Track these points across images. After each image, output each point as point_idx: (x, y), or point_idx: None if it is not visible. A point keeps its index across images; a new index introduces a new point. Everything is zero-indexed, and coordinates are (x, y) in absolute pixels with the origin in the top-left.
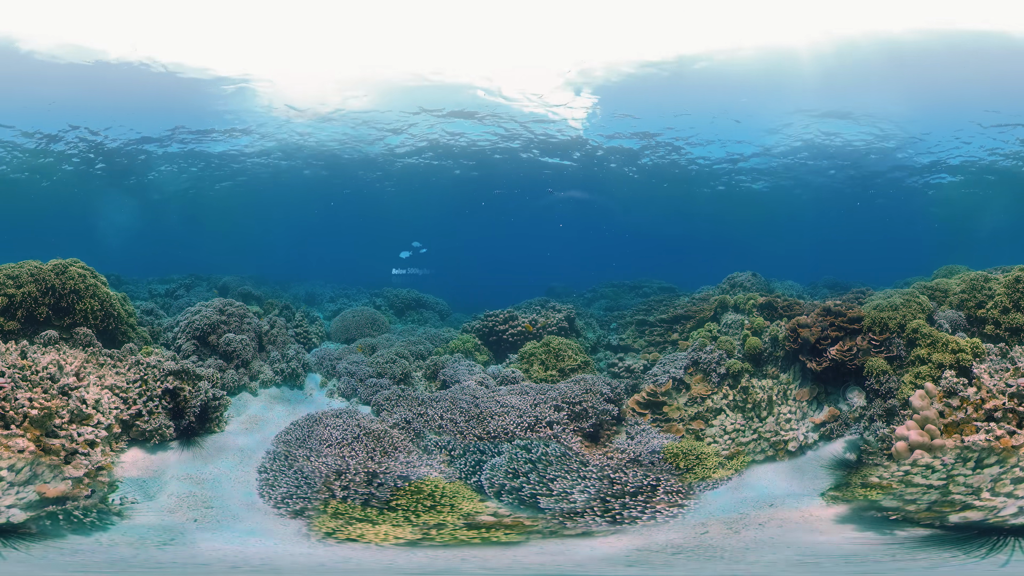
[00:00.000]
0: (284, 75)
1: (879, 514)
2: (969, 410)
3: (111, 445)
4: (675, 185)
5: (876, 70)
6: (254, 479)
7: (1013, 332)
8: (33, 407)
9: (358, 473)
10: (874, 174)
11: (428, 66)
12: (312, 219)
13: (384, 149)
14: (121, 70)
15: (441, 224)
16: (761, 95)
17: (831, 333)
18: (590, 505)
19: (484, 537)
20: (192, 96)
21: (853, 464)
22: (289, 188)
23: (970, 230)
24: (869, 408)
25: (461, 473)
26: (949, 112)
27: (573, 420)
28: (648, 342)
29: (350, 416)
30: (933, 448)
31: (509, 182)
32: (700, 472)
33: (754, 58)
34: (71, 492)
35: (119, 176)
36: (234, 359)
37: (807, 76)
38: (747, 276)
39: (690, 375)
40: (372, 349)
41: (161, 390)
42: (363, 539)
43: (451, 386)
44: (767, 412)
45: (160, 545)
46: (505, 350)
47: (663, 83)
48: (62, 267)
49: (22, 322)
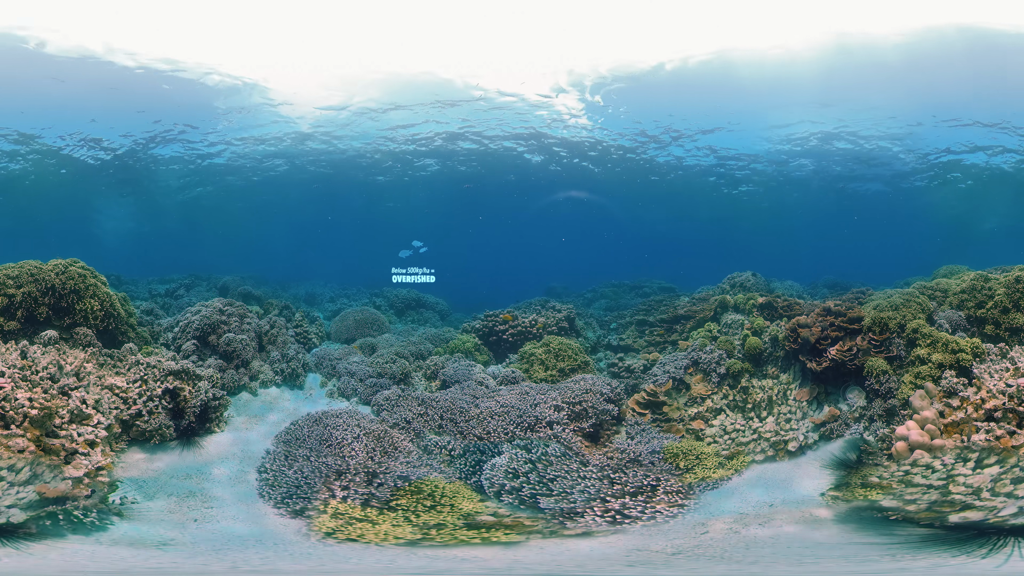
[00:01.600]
0: (284, 75)
1: (879, 514)
2: (969, 410)
3: (111, 445)
4: (675, 185)
5: (877, 70)
6: (254, 479)
7: (1013, 332)
8: (33, 407)
9: (358, 473)
10: (875, 174)
11: (428, 65)
12: (312, 219)
13: (384, 149)
14: (122, 70)
15: (440, 224)
16: (761, 95)
17: (831, 333)
18: (590, 505)
19: (484, 537)
20: (192, 96)
21: (853, 464)
22: (289, 188)
23: (970, 230)
24: (869, 408)
25: (461, 473)
26: (949, 112)
27: (573, 420)
28: (648, 342)
29: (350, 416)
30: (933, 448)
31: (509, 182)
32: (700, 472)
33: (754, 58)
34: (71, 492)
35: (119, 176)
36: (234, 359)
37: (808, 76)
38: (747, 276)
39: (690, 375)
40: (372, 349)
41: (161, 390)
42: (363, 539)
43: (451, 386)
44: (767, 412)
45: (160, 545)
46: (505, 350)
47: (663, 83)
48: (62, 267)
49: (22, 322)
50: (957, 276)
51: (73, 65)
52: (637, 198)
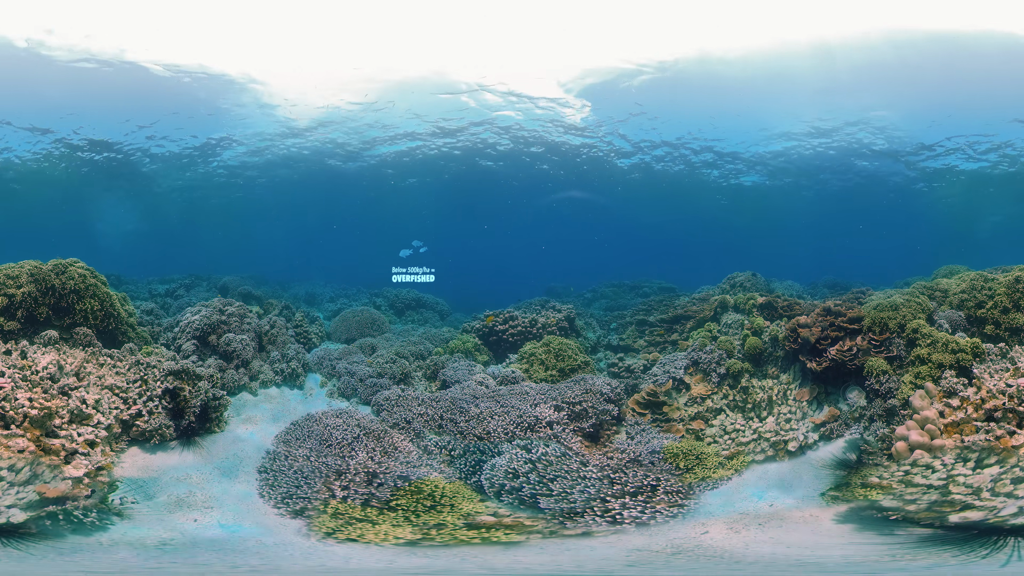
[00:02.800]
0: (284, 75)
1: (879, 514)
2: (969, 410)
3: (111, 445)
4: (675, 185)
5: (877, 70)
6: (254, 479)
7: (1013, 332)
8: (33, 407)
9: (358, 473)
10: (875, 173)
11: (428, 66)
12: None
13: (384, 149)
14: (122, 70)
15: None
16: (761, 95)
17: (831, 333)
18: (590, 505)
19: (484, 537)
20: (192, 96)
21: (853, 464)
22: (290, 187)
23: (970, 230)
24: (869, 408)
25: (461, 473)
26: (950, 112)
27: (573, 420)
28: (648, 342)
29: (350, 416)
30: (933, 448)
31: (509, 181)
32: (700, 472)
33: (754, 58)
34: (71, 492)
35: (119, 176)
36: (234, 359)
37: (808, 76)
38: (747, 276)
39: (690, 375)
40: (372, 349)
41: (161, 390)
42: (363, 539)
43: (451, 386)
44: (767, 412)
45: (160, 545)
46: (505, 350)
47: (663, 83)
48: (62, 267)
49: (22, 322)
50: (957, 276)
51: (72, 65)
52: (637, 198)
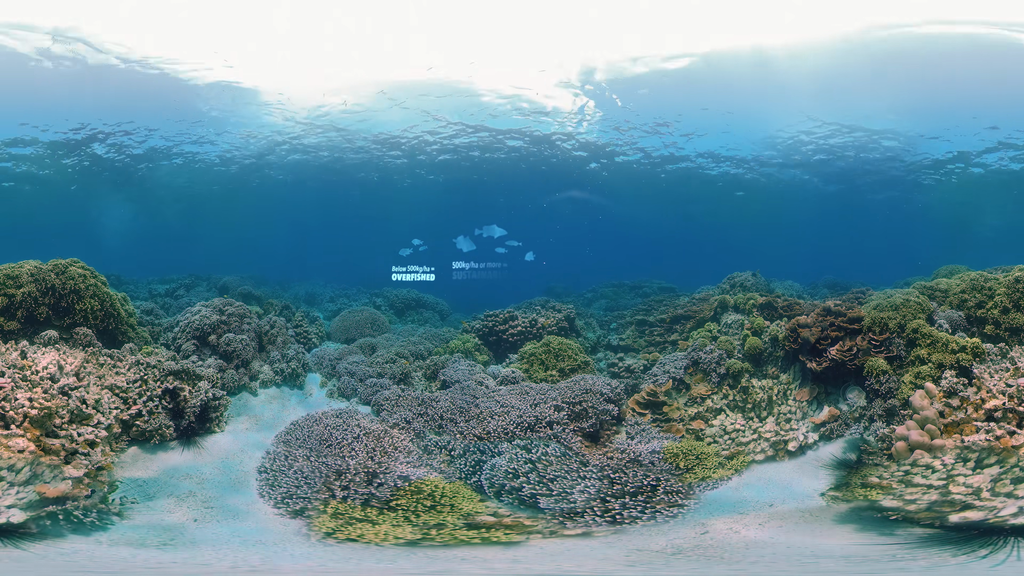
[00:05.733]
0: (283, 75)
1: (879, 514)
2: (969, 410)
3: (111, 445)
4: (675, 184)
5: (877, 69)
6: (254, 479)
7: (1013, 332)
8: (33, 407)
9: (358, 473)
10: (875, 173)
11: (427, 65)
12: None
13: (384, 149)
14: (120, 70)
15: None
16: (761, 94)
17: (831, 333)
18: (590, 505)
19: (484, 537)
20: (192, 96)
21: (853, 464)
22: (290, 187)
23: (970, 230)
24: (869, 408)
25: (461, 473)
26: (949, 112)
27: (573, 420)
28: (648, 342)
29: (350, 416)
30: (933, 448)
31: (509, 181)
32: (700, 472)
33: (753, 57)
34: (71, 492)
35: (119, 176)
36: (234, 359)
37: (808, 75)
38: (747, 276)
39: (690, 375)
40: (372, 349)
41: (161, 390)
42: (363, 539)
43: (451, 386)
44: (767, 412)
45: (160, 545)
46: (505, 350)
47: (663, 82)
48: (62, 267)
49: (22, 322)
50: (957, 276)
51: (71, 64)
52: (637, 198)
